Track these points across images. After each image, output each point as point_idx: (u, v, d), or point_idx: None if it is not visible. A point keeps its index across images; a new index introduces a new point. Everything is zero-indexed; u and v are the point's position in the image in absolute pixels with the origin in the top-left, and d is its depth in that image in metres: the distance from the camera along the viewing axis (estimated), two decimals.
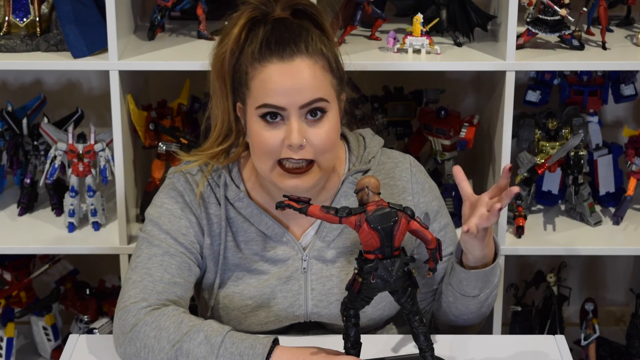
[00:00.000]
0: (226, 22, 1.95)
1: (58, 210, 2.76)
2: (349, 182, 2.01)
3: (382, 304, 2.00)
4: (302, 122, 1.85)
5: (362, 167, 2.02)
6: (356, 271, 1.71)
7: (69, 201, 2.65)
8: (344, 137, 2.06)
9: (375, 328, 2.07)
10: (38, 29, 2.59)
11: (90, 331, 2.73)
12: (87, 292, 2.88)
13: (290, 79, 1.84)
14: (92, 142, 2.63)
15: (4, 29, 2.59)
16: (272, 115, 1.85)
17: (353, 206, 1.70)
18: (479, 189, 2.79)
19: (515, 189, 1.82)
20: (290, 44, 1.85)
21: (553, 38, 2.57)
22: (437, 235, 2.01)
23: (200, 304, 2.09)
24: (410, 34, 2.51)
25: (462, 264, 1.99)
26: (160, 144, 2.61)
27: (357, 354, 1.78)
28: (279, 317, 2.00)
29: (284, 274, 1.99)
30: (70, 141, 2.63)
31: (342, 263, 2.00)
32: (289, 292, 1.99)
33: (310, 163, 1.87)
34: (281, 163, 1.87)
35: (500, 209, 1.82)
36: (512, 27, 2.41)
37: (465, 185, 1.93)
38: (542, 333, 2.86)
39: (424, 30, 2.51)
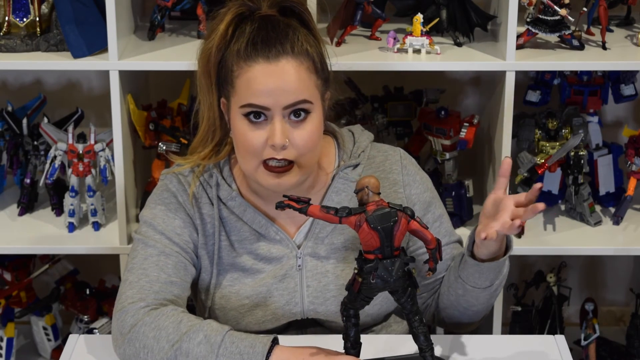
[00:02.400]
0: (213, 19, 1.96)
1: (58, 210, 2.76)
2: (339, 178, 2.01)
3: (379, 299, 2.00)
4: (286, 123, 1.86)
5: (352, 161, 2.03)
6: (356, 271, 1.71)
7: (69, 201, 2.65)
8: (332, 133, 2.06)
9: (374, 324, 2.07)
10: (38, 29, 2.59)
11: (90, 331, 2.73)
12: (87, 292, 2.88)
13: (275, 80, 1.84)
14: (92, 142, 2.63)
15: (4, 29, 2.59)
16: (256, 114, 1.86)
17: (345, 202, 1.69)
18: (479, 188, 2.80)
19: (541, 206, 1.82)
20: (276, 44, 1.85)
21: (553, 38, 2.57)
22: (432, 227, 2.01)
23: (198, 305, 2.09)
24: (410, 34, 2.51)
25: (473, 256, 1.99)
26: (160, 144, 2.61)
27: (357, 354, 1.78)
28: (276, 315, 2.00)
29: (279, 272, 1.99)
30: (70, 141, 2.63)
31: (337, 259, 2.00)
32: (284, 290, 1.99)
33: (290, 163, 1.88)
34: (265, 162, 1.88)
35: (521, 225, 1.83)
36: (512, 27, 2.41)
37: (502, 181, 1.91)
38: (542, 333, 2.86)
39: (424, 30, 2.51)
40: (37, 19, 2.59)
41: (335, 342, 1.81)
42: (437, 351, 1.78)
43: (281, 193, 1.84)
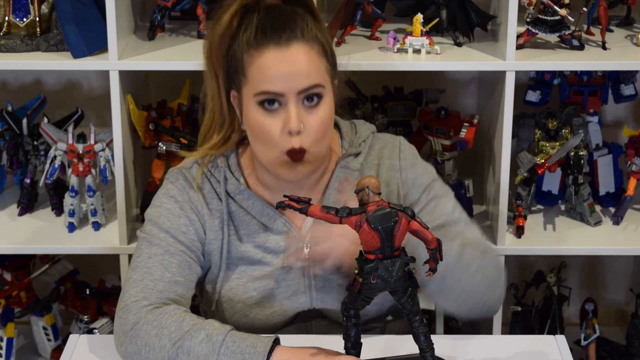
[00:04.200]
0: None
1: (58, 210, 2.76)
2: (341, 167, 2.02)
3: (380, 297, 1.99)
4: (300, 108, 1.86)
5: (353, 150, 2.03)
6: (356, 271, 1.71)
7: (69, 201, 2.65)
8: (336, 124, 2.07)
9: (375, 323, 2.07)
10: (38, 29, 2.59)
11: (90, 331, 2.73)
12: (87, 292, 2.88)
13: (287, 64, 1.84)
14: (92, 142, 2.63)
15: (4, 29, 2.59)
16: (270, 102, 1.86)
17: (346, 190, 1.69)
18: (479, 188, 2.80)
19: None
20: (286, 30, 1.86)
21: (553, 38, 2.57)
22: (426, 208, 2.00)
23: (204, 298, 2.09)
24: (410, 34, 2.51)
25: None
26: (160, 144, 2.61)
27: (357, 354, 1.78)
28: (282, 306, 2.00)
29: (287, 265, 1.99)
30: (70, 141, 2.63)
31: None
32: (292, 281, 1.99)
33: (303, 152, 1.88)
34: (289, 154, 1.88)
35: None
36: (512, 27, 2.41)
37: None
38: (542, 333, 2.86)
39: (424, 30, 2.51)
40: (37, 19, 2.59)
41: (336, 342, 1.81)
42: (437, 351, 1.77)
43: (295, 183, 1.85)
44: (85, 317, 2.84)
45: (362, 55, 2.50)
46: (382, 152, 2.06)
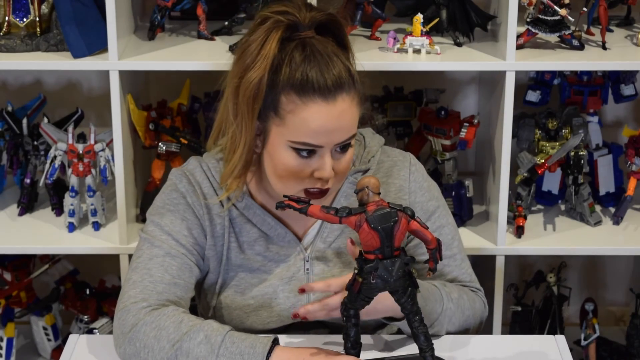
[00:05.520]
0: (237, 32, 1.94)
1: (58, 210, 2.76)
2: (349, 182, 2.01)
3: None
4: (332, 155, 1.87)
5: (362, 166, 2.03)
6: (356, 271, 1.71)
7: (69, 201, 2.65)
8: None
9: (375, 327, 2.07)
10: (38, 29, 2.59)
11: (90, 331, 2.73)
12: (87, 292, 2.88)
13: (332, 121, 1.84)
14: (92, 142, 2.63)
15: (4, 29, 2.59)
16: (308, 151, 1.86)
17: (353, 206, 1.69)
18: (479, 188, 2.80)
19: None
20: (333, 82, 1.83)
21: (553, 38, 2.57)
22: None
23: (202, 304, 2.09)
24: (410, 34, 2.51)
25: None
26: (160, 144, 2.61)
27: (357, 354, 1.79)
28: (280, 316, 2.00)
29: (286, 274, 1.99)
30: (70, 141, 2.63)
31: (343, 263, 2.00)
32: (290, 292, 1.99)
33: (326, 192, 1.90)
34: (306, 190, 1.89)
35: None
36: (512, 27, 2.41)
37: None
38: (542, 333, 2.86)
39: (424, 30, 2.51)
40: (37, 19, 2.59)
41: (336, 342, 1.81)
42: (437, 351, 1.78)
43: None
44: (85, 317, 2.84)
45: (362, 55, 2.49)
46: (392, 170, 2.05)
